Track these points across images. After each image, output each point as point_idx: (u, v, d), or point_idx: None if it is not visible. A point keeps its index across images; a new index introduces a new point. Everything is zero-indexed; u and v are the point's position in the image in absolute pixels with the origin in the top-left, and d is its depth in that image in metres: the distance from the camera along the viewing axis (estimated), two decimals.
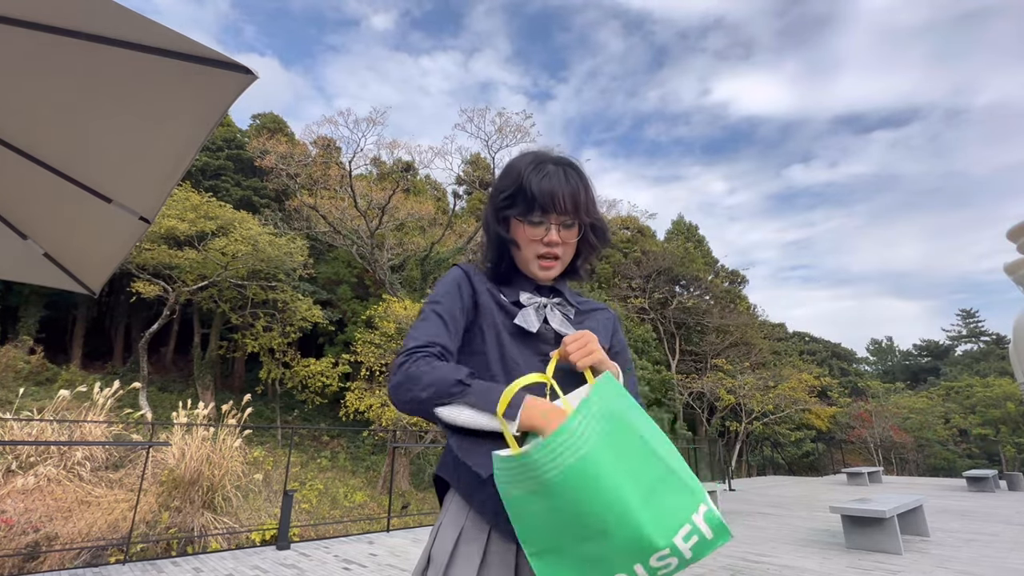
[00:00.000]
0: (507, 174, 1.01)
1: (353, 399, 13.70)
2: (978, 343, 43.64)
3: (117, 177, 1.71)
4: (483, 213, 1.08)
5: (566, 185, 0.96)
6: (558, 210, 0.95)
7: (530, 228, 0.97)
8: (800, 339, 39.12)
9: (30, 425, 7.66)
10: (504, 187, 1.00)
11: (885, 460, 24.37)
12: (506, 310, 0.98)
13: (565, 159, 1.02)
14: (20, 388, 11.42)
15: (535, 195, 0.94)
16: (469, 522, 0.87)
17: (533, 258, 0.99)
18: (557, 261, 0.99)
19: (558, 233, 0.97)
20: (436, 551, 0.86)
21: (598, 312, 1.10)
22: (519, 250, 1.01)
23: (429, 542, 0.90)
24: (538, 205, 0.95)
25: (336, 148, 18.45)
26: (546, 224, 0.97)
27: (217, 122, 1.42)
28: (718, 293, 28.54)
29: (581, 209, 0.97)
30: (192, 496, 6.59)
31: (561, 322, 0.99)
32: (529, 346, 0.96)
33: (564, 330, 0.97)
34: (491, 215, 1.03)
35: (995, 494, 11.31)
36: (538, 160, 0.99)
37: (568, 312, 1.02)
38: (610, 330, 1.08)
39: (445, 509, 0.92)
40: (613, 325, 1.10)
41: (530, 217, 0.97)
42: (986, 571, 4.68)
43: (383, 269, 17.57)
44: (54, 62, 1.28)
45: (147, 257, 14.42)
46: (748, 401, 20.30)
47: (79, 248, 2.13)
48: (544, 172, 0.96)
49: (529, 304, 0.99)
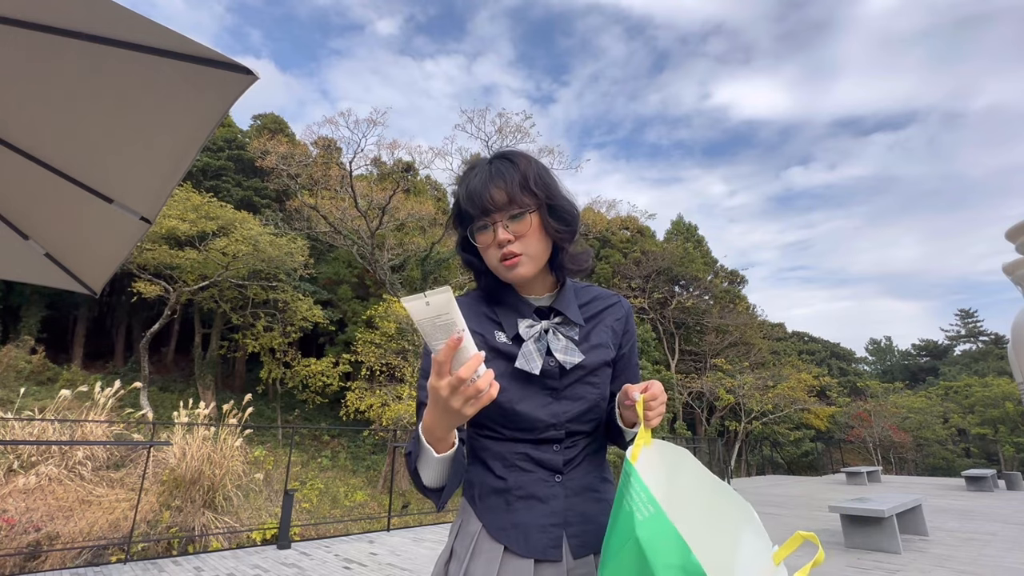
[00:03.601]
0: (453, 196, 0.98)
1: (353, 399, 13.71)
2: (977, 343, 43.66)
3: (118, 177, 1.72)
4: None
5: (493, 179, 0.89)
6: (494, 206, 0.89)
7: (481, 237, 0.92)
8: (799, 339, 39.15)
9: (31, 425, 7.67)
10: (452, 210, 0.98)
11: (884, 460, 24.38)
12: (504, 354, 0.91)
13: (500, 153, 0.95)
14: (21, 388, 11.42)
15: (467, 203, 0.91)
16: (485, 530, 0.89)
17: (498, 264, 0.91)
18: (519, 257, 0.90)
19: (505, 230, 0.89)
20: (458, 546, 0.89)
21: (607, 312, 1.01)
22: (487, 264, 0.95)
23: (451, 539, 0.92)
24: (474, 210, 0.90)
25: (337, 148, 18.44)
26: (490, 226, 0.90)
27: (218, 123, 1.43)
28: (717, 293, 28.54)
29: (517, 196, 0.89)
30: (193, 495, 6.60)
31: (566, 348, 0.91)
32: (533, 383, 0.90)
33: (569, 358, 0.90)
34: (457, 242, 1.00)
35: (993, 493, 11.32)
36: (467, 168, 0.96)
37: (572, 333, 0.94)
38: (620, 331, 1.01)
39: (465, 508, 0.93)
40: (624, 324, 1.02)
41: (475, 225, 0.92)
42: (984, 570, 4.69)
43: (383, 269, 17.58)
44: (55, 63, 1.29)
45: (148, 257, 14.43)
46: (747, 401, 20.30)
47: (80, 248, 2.14)
48: (470, 176, 0.93)
49: (529, 336, 0.91)
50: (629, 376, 1.01)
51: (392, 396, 13.37)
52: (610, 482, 0.97)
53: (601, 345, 0.96)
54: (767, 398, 20.19)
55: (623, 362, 1.00)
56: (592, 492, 0.92)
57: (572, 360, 0.90)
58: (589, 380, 0.93)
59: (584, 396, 0.92)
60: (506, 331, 0.94)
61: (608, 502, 0.93)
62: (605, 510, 0.90)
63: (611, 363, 0.97)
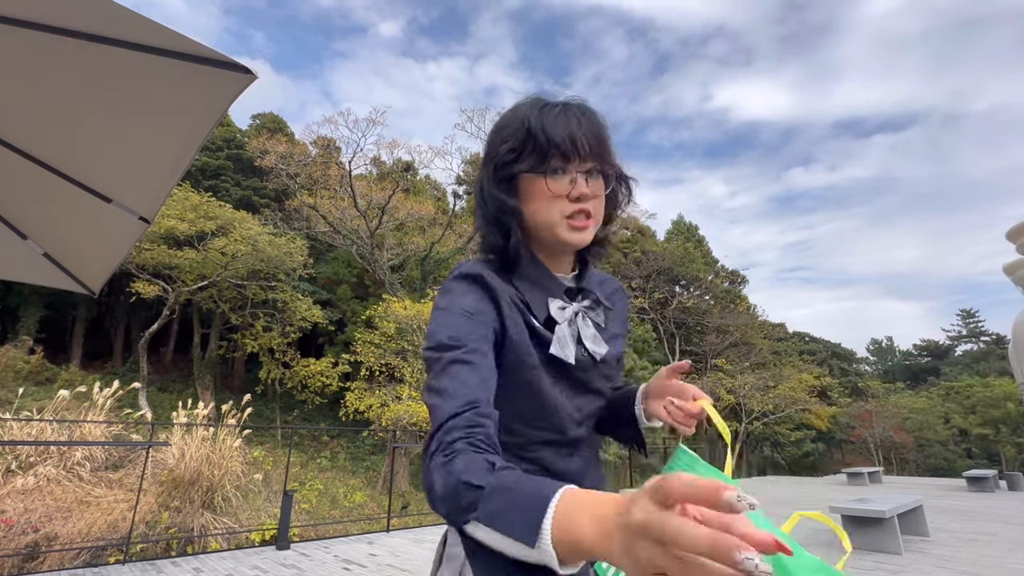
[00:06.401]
0: (506, 124, 0.80)
1: (353, 399, 13.70)
2: (978, 343, 43.66)
3: (117, 177, 1.71)
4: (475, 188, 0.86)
5: (586, 122, 0.76)
6: (581, 154, 0.75)
7: (551, 183, 0.76)
8: (800, 339, 39.14)
9: (30, 425, 7.65)
10: (505, 138, 0.79)
11: (885, 460, 24.40)
12: (539, 337, 0.77)
13: (576, 99, 0.81)
14: (20, 388, 11.41)
15: (551, 138, 0.74)
16: None
17: (560, 220, 0.77)
18: (591, 220, 0.78)
19: (585, 184, 0.76)
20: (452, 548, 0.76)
21: (615, 297, 0.92)
22: (535, 217, 0.78)
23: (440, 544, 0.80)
24: (556, 150, 0.75)
25: (336, 148, 18.46)
26: (570, 174, 0.76)
27: (217, 122, 1.42)
28: (718, 293, 28.57)
29: (608, 153, 0.78)
30: (192, 496, 6.59)
31: (594, 339, 0.81)
32: (566, 376, 0.78)
33: (597, 348, 0.81)
34: (489, 182, 0.80)
35: (995, 494, 11.31)
36: (543, 102, 0.79)
37: (599, 319, 0.84)
38: (626, 319, 0.94)
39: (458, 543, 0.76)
40: (626, 311, 0.96)
41: (548, 166, 0.76)
42: (986, 571, 4.68)
43: (383, 269, 17.58)
44: (54, 62, 1.28)
45: (147, 257, 14.42)
46: (748, 401, 20.30)
47: (79, 248, 2.13)
48: (553, 112, 0.77)
49: (563, 320, 0.79)
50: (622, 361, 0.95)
51: (392, 396, 13.36)
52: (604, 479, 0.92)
53: (619, 336, 0.89)
54: (768, 398, 20.20)
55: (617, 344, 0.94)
56: None
57: (600, 351, 0.81)
58: (607, 373, 0.84)
59: (601, 391, 0.84)
60: (535, 312, 0.79)
61: None
62: None
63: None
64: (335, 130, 17.00)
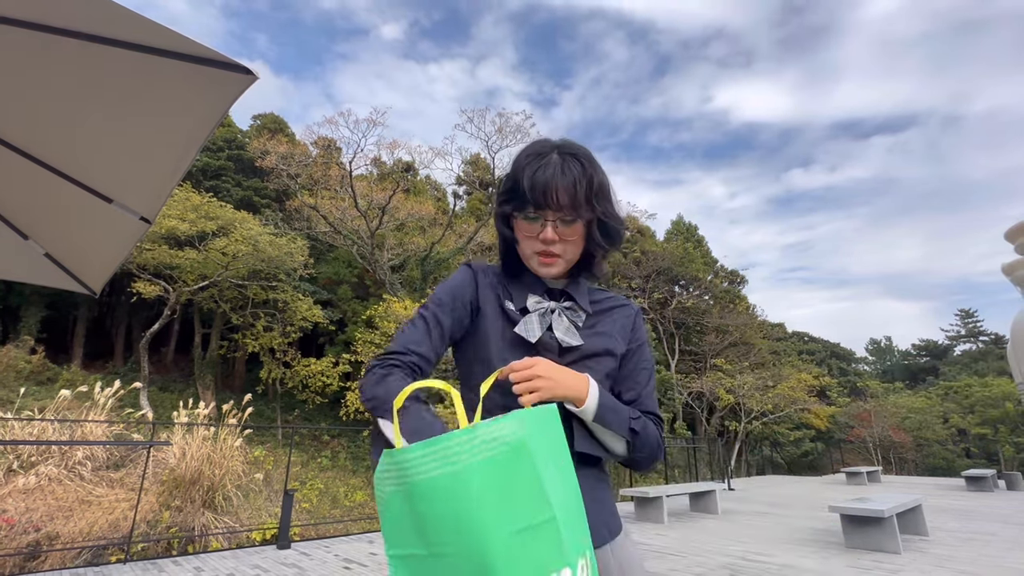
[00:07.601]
0: (515, 164, 0.95)
1: (353, 399, 13.72)
2: (977, 343, 43.67)
3: (118, 177, 1.72)
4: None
5: (561, 177, 0.88)
6: (551, 205, 0.88)
7: (526, 224, 0.92)
8: (799, 339, 39.15)
9: (31, 425, 7.66)
10: (507, 179, 0.95)
11: (884, 460, 24.39)
12: (508, 317, 0.94)
13: (569, 147, 0.93)
14: (21, 388, 11.41)
15: (527, 189, 0.88)
16: None
17: (532, 255, 0.94)
18: (556, 259, 0.93)
19: (555, 230, 0.90)
20: None
21: (617, 311, 1.02)
22: (519, 247, 0.97)
23: None
24: (531, 200, 0.89)
25: (336, 148, 18.45)
26: (541, 220, 0.90)
27: (218, 122, 1.43)
28: (717, 293, 28.55)
29: (580, 204, 0.89)
30: (193, 495, 6.59)
31: (567, 330, 0.93)
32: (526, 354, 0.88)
33: (568, 339, 0.91)
34: (496, 211, 0.98)
35: (994, 493, 11.33)
36: (537, 151, 0.92)
37: (577, 319, 0.95)
38: (628, 328, 1.01)
39: None
40: (633, 322, 1.03)
41: (525, 213, 0.91)
42: (984, 570, 4.69)
43: (383, 269, 17.58)
44: (55, 62, 1.29)
45: (148, 257, 14.42)
46: (747, 401, 20.29)
47: (80, 248, 2.13)
48: (540, 164, 0.90)
49: (535, 310, 0.93)
50: (636, 377, 0.98)
51: None
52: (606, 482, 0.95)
53: (605, 334, 0.96)
54: (767, 398, 20.18)
55: (630, 363, 0.99)
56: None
57: (570, 341, 0.92)
58: (586, 364, 0.92)
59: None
60: (515, 302, 0.96)
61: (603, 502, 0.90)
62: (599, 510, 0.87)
63: (615, 355, 0.96)
64: (335, 130, 17.01)
